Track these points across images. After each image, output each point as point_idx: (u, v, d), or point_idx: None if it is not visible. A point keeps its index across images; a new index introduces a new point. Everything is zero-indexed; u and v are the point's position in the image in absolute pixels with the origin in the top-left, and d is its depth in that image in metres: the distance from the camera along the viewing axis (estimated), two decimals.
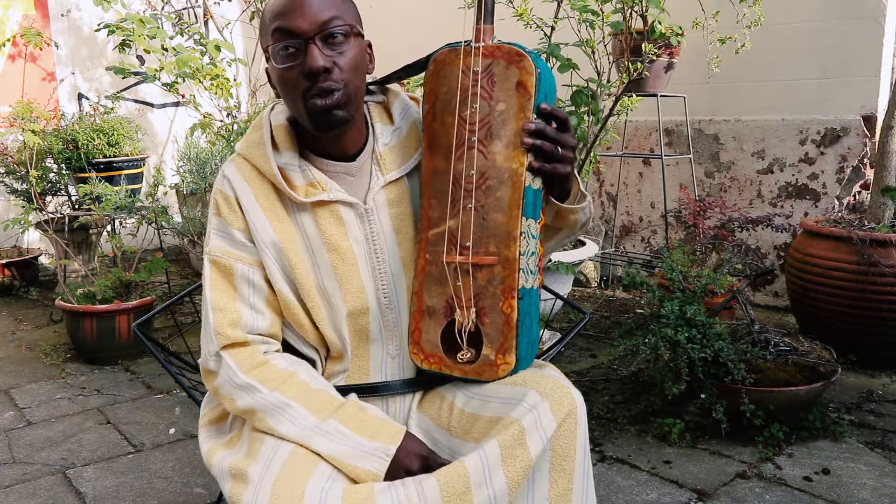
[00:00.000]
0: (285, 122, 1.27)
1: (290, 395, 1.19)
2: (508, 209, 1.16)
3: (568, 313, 3.61)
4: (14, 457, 2.39)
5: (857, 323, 2.86)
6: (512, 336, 1.17)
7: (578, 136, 2.66)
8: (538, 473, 1.15)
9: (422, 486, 1.07)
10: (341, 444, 1.14)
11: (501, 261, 1.17)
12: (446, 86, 1.20)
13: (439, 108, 1.21)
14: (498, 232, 1.17)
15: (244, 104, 4.12)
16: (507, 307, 1.17)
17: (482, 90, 1.17)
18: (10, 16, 4.71)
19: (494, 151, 1.17)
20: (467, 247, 1.18)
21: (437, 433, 1.26)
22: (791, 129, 3.74)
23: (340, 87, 1.17)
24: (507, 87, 1.16)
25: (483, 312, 1.18)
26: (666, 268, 2.80)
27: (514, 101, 1.15)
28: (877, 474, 2.15)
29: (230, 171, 1.26)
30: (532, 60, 1.14)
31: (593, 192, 4.61)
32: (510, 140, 1.16)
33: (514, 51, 1.15)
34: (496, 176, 1.17)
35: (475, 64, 1.17)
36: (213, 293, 1.23)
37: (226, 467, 1.15)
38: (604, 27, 2.76)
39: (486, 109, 1.17)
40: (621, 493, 2.08)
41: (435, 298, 1.22)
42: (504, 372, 1.18)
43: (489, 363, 1.19)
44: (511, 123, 1.16)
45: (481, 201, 1.17)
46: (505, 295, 1.17)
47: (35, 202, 3.77)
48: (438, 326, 1.22)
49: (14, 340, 3.59)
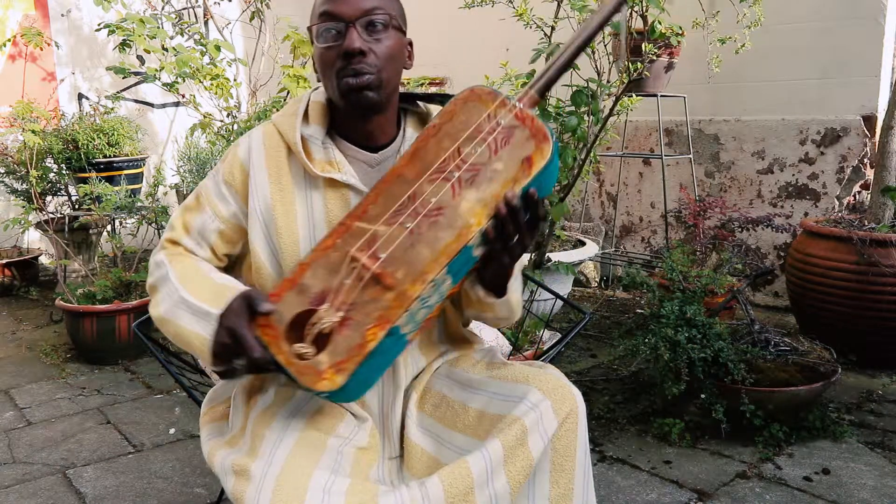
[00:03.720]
0: (323, 101, 1.31)
1: (177, 271, 1.26)
2: (439, 252, 1.10)
3: (568, 313, 3.61)
4: (14, 457, 2.39)
5: (857, 323, 2.86)
6: (355, 361, 1.07)
7: (578, 136, 2.66)
8: (539, 473, 1.15)
9: (425, 486, 1.08)
10: (189, 313, 1.18)
11: (398, 291, 1.09)
12: (466, 116, 1.18)
13: (446, 130, 1.18)
14: (415, 265, 1.10)
15: (244, 104, 4.12)
16: (371, 334, 1.08)
17: (493, 141, 1.15)
18: (10, 16, 4.71)
19: (465, 196, 1.13)
20: (379, 257, 1.12)
21: (440, 431, 1.26)
22: (791, 129, 3.74)
23: (373, 71, 1.21)
24: (516, 154, 1.14)
25: (347, 323, 1.10)
26: (666, 268, 2.80)
27: (513, 170, 1.13)
28: (877, 474, 2.15)
29: (255, 135, 1.32)
30: (552, 148, 1.13)
31: (593, 193, 4.62)
32: (485, 198, 1.12)
33: (543, 130, 1.14)
34: (450, 217, 1.12)
35: (503, 117, 1.16)
36: (181, 213, 1.34)
37: (228, 465, 1.15)
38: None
39: (484, 159, 1.14)
40: (621, 493, 2.08)
41: (315, 281, 1.14)
42: (322, 387, 1.08)
43: (316, 371, 1.09)
44: (496, 185, 1.13)
45: (421, 229, 1.12)
46: (378, 322, 1.08)
47: (35, 202, 3.77)
48: (298, 306, 1.13)
49: (14, 340, 3.59)
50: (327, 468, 1.11)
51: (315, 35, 1.24)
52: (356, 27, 1.20)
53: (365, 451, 1.23)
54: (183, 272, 1.25)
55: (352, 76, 1.20)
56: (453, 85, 4.85)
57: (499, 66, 3.16)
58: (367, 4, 1.20)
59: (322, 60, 1.23)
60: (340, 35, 1.20)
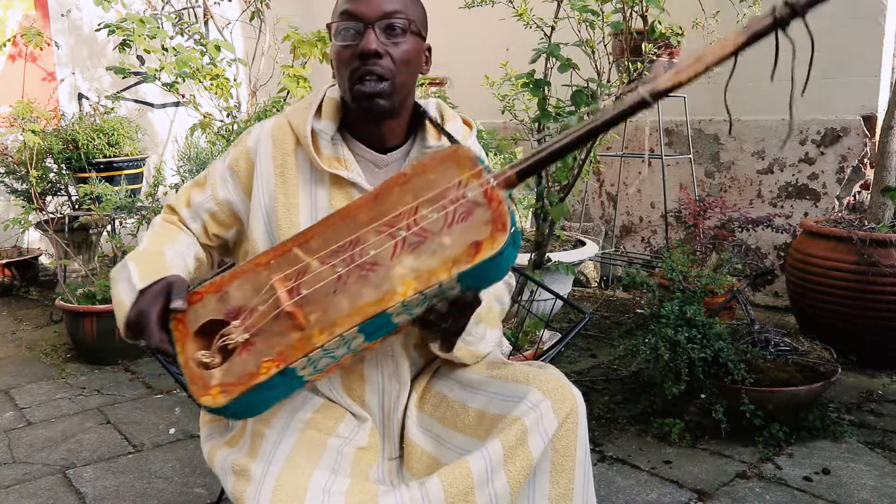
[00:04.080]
0: (337, 98, 1.31)
1: (149, 239, 1.30)
2: (356, 309, 1.05)
3: (568, 313, 3.61)
4: (14, 457, 2.39)
5: (857, 323, 2.86)
6: (242, 388, 1.04)
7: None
8: (539, 473, 1.15)
9: (425, 486, 1.08)
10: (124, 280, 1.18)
11: (305, 335, 1.05)
12: (437, 175, 1.11)
13: (413, 183, 1.11)
14: (329, 313, 1.05)
15: (244, 104, 4.12)
16: (265, 367, 1.04)
17: (452, 212, 1.07)
18: (10, 15, 4.71)
19: (402, 261, 1.06)
20: (301, 293, 1.07)
21: (440, 431, 1.26)
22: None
23: (388, 76, 1.21)
24: (468, 235, 1.05)
25: (249, 347, 1.07)
26: (666, 268, 2.80)
27: (458, 250, 1.05)
28: (877, 474, 2.15)
29: (267, 126, 1.32)
30: (507, 242, 1.04)
31: (593, 193, 4.62)
32: (420, 270, 1.05)
33: (504, 219, 1.05)
34: (380, 277, 1.06)
35: (472, 189, 1.08)
36: (189, 185, 1.38)
37: (228, 465, 1.15)
38: (604, 27, 2.75)
39: (436, 228, 1.07)
40: (621, 493, 2.08)
41: (238, 293, 1.11)
42: (206, 402, 1.05)
43: (205, 383, 1.06)
44: (435, 261, 1.05)
45: (349, 279, 1.07)
46: (276, 357, 1.05)
47: (35, 202, 3.77)
48: (214, 313, 1.11)
49: (14, 340, 3.59)
50: (327, 468, 1.11)
51: (333, 33, 1.24)
52: (374, 29, 1.20)
53: (365, 451, 1.23)
54: (152, 241, 1.29)
55: (366, 80, 1.20)
56: (453, 85, 4.85)
57: (499, 66, 3.16)
58: (388, 7, 1.20)
59: (338, 59, 1.24)
60: (358, 35, 1.20)
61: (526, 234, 3.78)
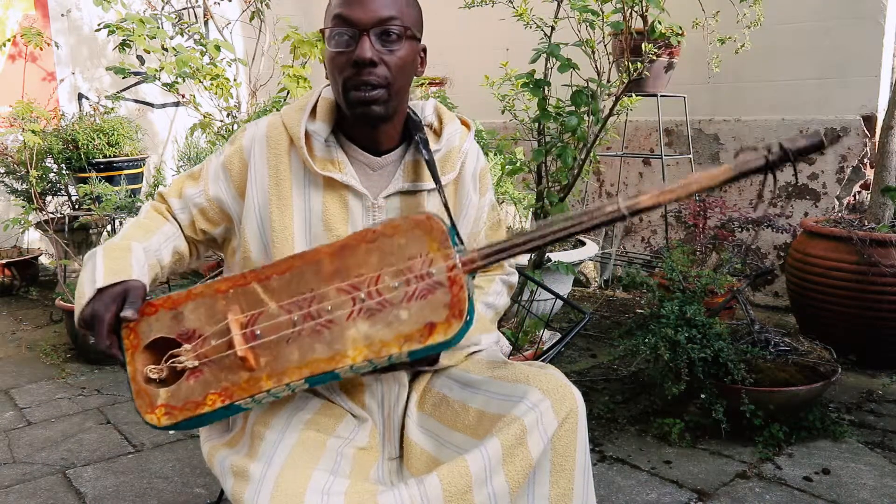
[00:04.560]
0: (332, 99, 1.30)
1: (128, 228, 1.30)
2: (306, 363, 1.08)
3: (568, 313, 3.61)
4: (14, 457, 2.39)
5: (857, 323, 2.86)
6: (187, 413, 1.09)
7: (578, 136, 2.66)
8: (539, 473, 1.15)
9: (424, 485, 1.07)
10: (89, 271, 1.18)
11: (253, 377, 1.08)
12: (406, 241, 1.10)
13: (380, 244, 1.10)
14: (280, 361, 1.08)
15: (244, 104, 4.12)
16: (211, 399, 1.09)
17: (414, 285, 1.08)
18: (10, 15, 4.71)
19: (357, 325, 1.08)
20: (256, 334, 1.10)
21: (440, 431, 1.26)
22: (791, 129, 3.74)
23: (383, 83, 1.19)
24: (425, 314, 1.07)
25: (198, 374, 1.10)
26: (666, 268, 2.80)
27: (413, 328, 1.06)
28: (877, 474, 2.15)
29: (262, 125, 1.31)
30: (459, 329, 1.06)
31: (593, 192, 4.61)
32: (373, 339, 1.07)
33: (461, 307, 1.06)
34: (334, 336, 1.08)
35: (437, 267, 1.08)
36: (183, 176, 1.37)
37: (227, 466, 1.15)
38: (604, 27, 2.75)
39: (395, 300, 1.08)
40: (621, 493, 2.08)
41: (193, 316, 1.13)
42: (149, 419, 1.10)
43: (151, 401, 1.10)
44: (389, 333, 1.07)
45: (304, 332, 1.08)
46: (222, 392, 1.09)
47: (35, 202, 3.77)
48: (166, 331, 1.13)
49: (14, 340, 3.59)
50: (326, 469, 1.11)
51: (327, 37, 1.22)
52: (370, 36, 1.17)
53: (365, 451, 1.23)
54: (127, 233, 1.28)
55: (360, 88, 1.18)
56: (453, 84, 4.85)
57: (499, 66, 3.16)
58: (383, 13, 1.18)
59: (332, 64, 1.21)
60: (353, 41, 1.18)
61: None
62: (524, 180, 4.27)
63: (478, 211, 1.41)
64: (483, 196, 1.42)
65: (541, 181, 2.88)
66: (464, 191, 1.37)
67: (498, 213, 1.48)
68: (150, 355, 1.14)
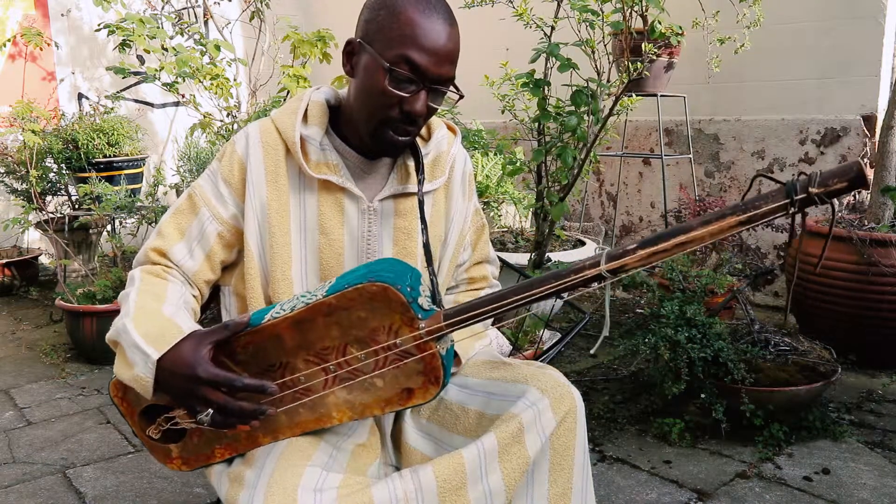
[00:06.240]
0: (322, 101, 1.30)
1: (136, 292, 1.20)
2: (295, 424, 1.13)
3: (568, 313, 3.61)
4: (14, 457, 2.39)
5: (857, 323, 2.86)
6: (200, 463, 1.19)
7: (578, 135, 2.66)
8: (537, 473, 1.15)
9: (418, 478, 1.07)
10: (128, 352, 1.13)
11: (252, 434, 1.15)
12: (366, 314, 1.07)
13: (338, 317, 1.08)
14: (270, 423, 1.13)
15: (244, 104, 4.12)
16: (219, 453, 1.17)
17: (383, 358, 1.08)
18: (10, 15, 4.71)
19: (335, 392, 1.10)
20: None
21: (439, 434, 1.26)
22: (791, 129, 3.74)
23: (418, 132, 1.23)
24: (400, 381, 1.08)
25: (199, 433, 1.17)
26: (666, 268, 2.80)
27: (391, 393, 1.09)
28: (877, 474, 2.15)
29: (252, 130, 1.29)
30: (437, 392, 1.08)
31: (593, 192, 4.61)
32: (354, 403, 1.10)
33: (437, 373, 1.07)
34: (315, 402, 1.11)
35: (404, 337, 1.06)
36: (171, 217, 1.28)
37: (223, 473, 1.17)
38: (604, 27, 2.75)
39: (367, 370, 1.09)
40: (621, 493, 2.08)
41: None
42: (171, 467, 1.21)
43: (167, 455, 1.21)
44: (368, 397, 1.10)
45: (285, 398, 1.11)
46: (226, 447, 1.17)
47: (35, 202, 3.77)
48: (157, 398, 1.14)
49: (14, 340, 3.59)
50: (320, 464, 1.10)
51: (381, 68, 1.15)
52: (430, 90, 1.17)
53: (364, 447, 1.23)
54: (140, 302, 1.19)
55: (398, 132, 1.19)
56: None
57: (499, 66, 3.16)
58: (449, 73, 1.18)
59: (375, 94, 1.17)
60: (410, 86, 1.16)
61: (526, 233, 3.78)
62: (524, 180, 4.27)
63: (464, 216, 1.42)
64: (469, 201, 1.43)
65: (541, 181, 2.88)
66: (453, 195, 1.38)
67: (482, 218, 1.48)
68: (144, 421, 1.21)
